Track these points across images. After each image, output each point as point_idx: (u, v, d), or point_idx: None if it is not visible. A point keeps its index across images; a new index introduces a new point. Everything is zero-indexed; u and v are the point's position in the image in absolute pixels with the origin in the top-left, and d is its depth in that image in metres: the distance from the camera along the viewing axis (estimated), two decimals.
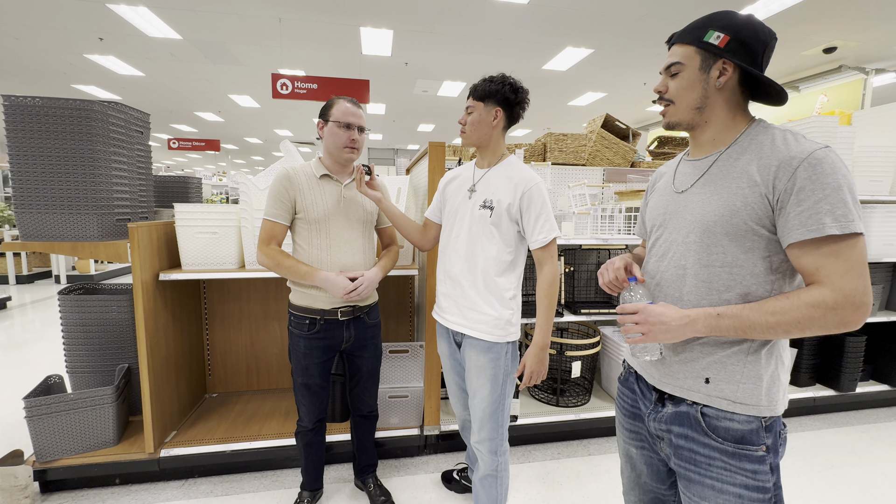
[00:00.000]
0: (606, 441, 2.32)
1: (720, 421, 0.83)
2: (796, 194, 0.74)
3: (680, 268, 0.88)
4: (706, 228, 0.83)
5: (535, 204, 1.39)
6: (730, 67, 0.83)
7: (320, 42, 6.15)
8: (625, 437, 1.07)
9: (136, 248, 1.73)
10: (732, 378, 0.83)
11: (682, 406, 0.88)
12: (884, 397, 2.72)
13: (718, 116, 0.86)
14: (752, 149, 0.82)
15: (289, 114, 10.76)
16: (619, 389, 1.10)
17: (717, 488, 0.84)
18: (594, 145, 2.73)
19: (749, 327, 0.77)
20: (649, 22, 5.41)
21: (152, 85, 8.34)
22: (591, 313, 2.32)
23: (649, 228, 1.01)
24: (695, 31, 0.85)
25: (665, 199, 0.96)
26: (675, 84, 0.87)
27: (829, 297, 0.72)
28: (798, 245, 0.75)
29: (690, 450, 0.87)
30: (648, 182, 1.11)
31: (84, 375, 2.02)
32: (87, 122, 1.68)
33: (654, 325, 0.83)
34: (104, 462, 1.83)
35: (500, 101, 1.42)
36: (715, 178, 0.85)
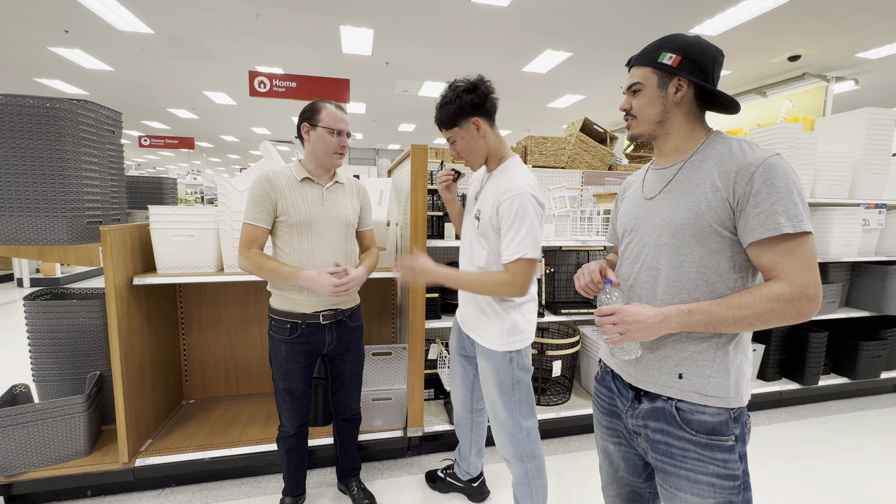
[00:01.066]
0: (586, 438, 2.37)
1: (693, 414, 0.89)
2: (754, 197, 0.80)
3: (653, 269, 0.94)
4: (675, 231, 0.90)
5: (507, 216, 1.30)
6: (684, 84, 0.90)
7: (299, 40, 6.05)
8: (602, 434, 1.12)
9: (109, 251, 1.68)
10: (703, 373, 0.89)
11: (657, 402, 0.94)
12: (844, 389, 2.87)
13: (679, 128, 0.94)
14: (712, 157, 0.88)
15: (267, 112, 10.55)
16: (595, 388, 1.14)
17: (691, 479, 0.89)
18: (573, 148, 2.78)
19: (718, 321, 0.83)
20: (625, 28, 5.54)
21: (122, 80, 8.04)
22: (571, 313, 2.37)
23: (621, 234, 1.07)
24: (650, 54, 0.93)
25: (635, 205, 1.02)
26: (637, 101, 0.95)
27: (786, 291, 0.78)
28: (757, 244, 0.82)
29: (666, 443, 0.92)
30: (619, 191, 1.17)
31: (52, 384, 1.94)
32: (56, 120, 1.61)
33: (630, 325, 0.87)
34: (75, 474, 1.76)
35: (469, 111, 1.35)
36: (680, 184, 0.92)
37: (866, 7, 4.81)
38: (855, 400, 2.89)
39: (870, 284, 2.83)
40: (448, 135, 1.41)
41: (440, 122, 1.40)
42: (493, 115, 1.41)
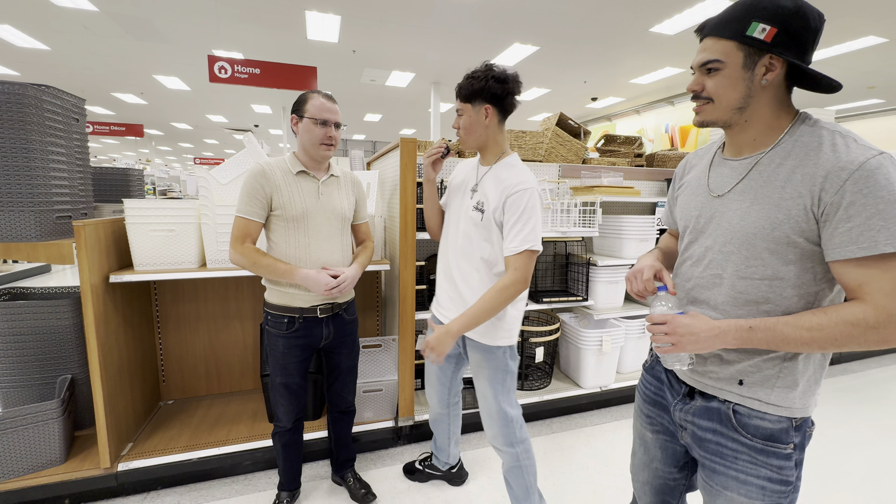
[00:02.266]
0: (567, 419, 2.50)
1: (751, 419, 0.83)
2: (845, 209, 0.69)
3: (716, 276, 0.85)
4: (745, 240, 0.80)
5: (516, 209, 1.32)
6: (778, 63, 0.75)
7: (261, 24, 5.79)
8: (642, 421, 1.08)
9: (84, 247, 1.58)
10: (767, 382, 0.82)
11: (713, 402, 0.88)
12: None
13: (761, 116, 0.79)
14: (795, 153, 0.76)
15: (224, 98, 10.04)
16: (642, 376, 1.10)
17: (741, 479, 0.84)
18: (550, 142, 2.87)
19: (782, 341, 0.74)
20: (591, 23, 5.71)
21: (60, 61, 7.39)
22: (552, 302, 2.47)
23: (682, 229, 0.97)
24: (735, 23, 0.75)
25: (699, 199, 0.91)
26: (713, 82, 0.79)
27: (870, 316, 0.68)
28: (843, 261, 0.71)
29: (718, 443, 0.87)
30: (676, 172, 1.06)
31: (16, 390, 1.81)
32: (20, 107, 1.50)
33: (682, 336, 0.80)
34: (51, 483, 1.67)
35: (488, 98, 1.35)
36: (756, 184, 0.80)
37: None
38: None
39: None
40: (459, 106, 1.43)
41: (460, 92, 1.41)
42: (507, 112, 1.42)
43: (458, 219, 1.51)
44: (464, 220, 1.47)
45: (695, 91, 0.83)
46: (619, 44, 6.40)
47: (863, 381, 3.10)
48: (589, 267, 2.56)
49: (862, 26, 5.52)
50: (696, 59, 0.81)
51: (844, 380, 3.11)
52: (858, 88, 8.29)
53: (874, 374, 3.20)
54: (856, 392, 2.91)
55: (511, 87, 1.36)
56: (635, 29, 5.83)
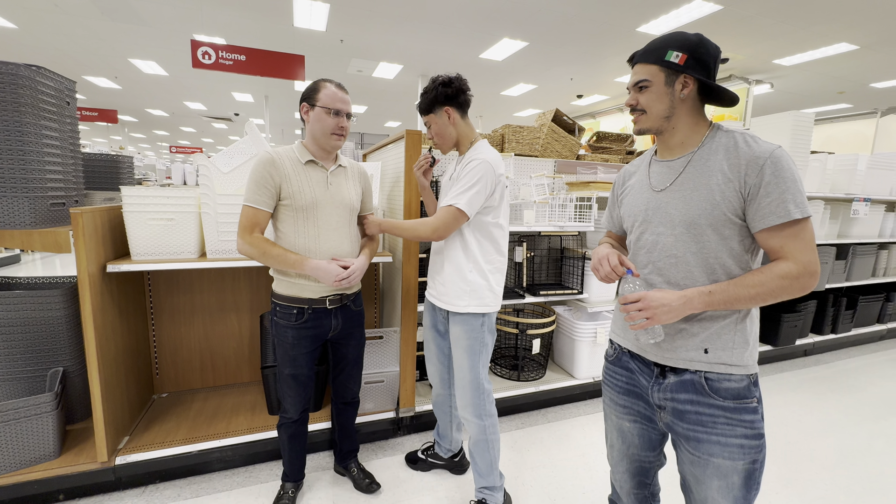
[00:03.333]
0: (562, 409, 2.57)
1: (721, 383, 0.96)
2: (764, 187, 0.88)
3: (672, 257, 1.00)
4: (692, 221, 0.96)
5: (465, 175, 1.50)
6: (690, 81, 0.96)
7: (247, 9, 5.63)
8: (617, 413, 1.16)
9: (81, 236, 1.53)
10: (727, 346, 0.97)
11: (685, 375, 1.00)
12: (768, 356, 3.34)
13: (684, 122, 1.00)
14: (720, 150, 0.95)
15: (203, 85, 9.72)
16: (608, 368, 1.19)
17: (722, 443, 0.95)
18: (546, 138, 2.91)
19: (735, 299, 0.91)
20: (579, 22, 5.78)
21: (27, 40, 7.01)
22: (549, 294, 2.52)
23: (629, 224, 1.12)
24: (656, 52, 0.98)
25: (644, 196, 1.07)
26: (645, 97, 1.00)
27: (793, 269, 0.88)
28: (767, 230, 0.90)
29: (697, 412, 0.98)
30: (616, 180, 1.22)
31: (2, 384, 1.75)
32: (14, 88, 1.43)
33: (657, 309, 0.93)
34: (45, 478, 1.62)
35: (444, 102, 1.54)
36: (692, 177, 0.97)
37: (783, 19, 5.42)
38: (777, 363, 3.38)
39: None
40: (426, 119, 1.60)
41: (420, 108, 1.59)
42: (465, 107, 1.59)
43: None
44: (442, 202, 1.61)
45: (632, 105, 1.02)
46: (606, 42, 6.49)
47: (834, 370, 3.28)
48: (584, 261, 2.62)
49: (834, 33, 5.77)
50: (631, 80, 1.02)
51: (817, 370, 3.29)
52: (829, 93, 8.66)
53: (844, 365, 3.40)
54: (828, 381, 3.08)
55: (458, 85, 1.53)
56: (623, 28, 5.93)
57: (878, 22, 5.38)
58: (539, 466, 2.03)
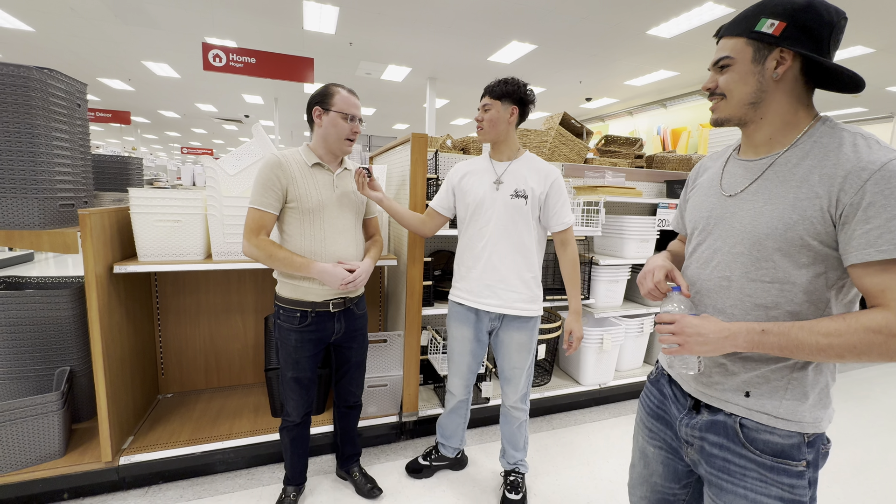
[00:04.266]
0: (566, 415, 2.54)
1: (759, 433, 0.79)
2: (864, 210, 0.66)
3: (724, 279, 0.82)
4: (756, 241, 0.77)
5: (562, 191, 1.60)
6: (788, 56, 0.74)
7: (257, 12, 5.68)
8: (644, 435, 1.05)
9: (89, 237, 1.54)
10: (775, 394, 0.79)
11: (718, 416, 0.85)
12: None
13: (777, 112, 0.78)
14: (814, 153, 0.73)
15: (214, 87, 9.84)
16: (646, 388, 1.08)
17: (750, 498, 0.80)
18: (553, 141, 2.89)
19: (796, 347, 0.70)
20: (589, 24, 5.75)
21: (44, 43, 7.15)
22: (554, 300, 2.50)
23: (690, 230, 0.95)
24: (745, 21, 0.77)
25: (710, 200, 0.89)
26: (725, 78, 0.80)
27: (893, 323, 0.64)
28: (864, 265, 0.68)
29: (725, 459, 0.83)
30: (690, 175, 1.04)
31: (9, 382, 1.77)
32: (25, 91, 1.45)
33: (690, 337, 0.77)
34: (50, 476, 1.63)
35: (517, 101, 1.56)
36: (770, 184, 0.77)
37: None
38: None
39: None
40: (489, 102, 1.56)
41: (493, 89, 1.56)
42: (523, 118, 1.62)
43: (488, 211, 1.62)
44: (498, 210, 1.60)
45: (709, 89, 0.83)
46: (615, 45, 6.45)
47: (847, 380, 3.20)
48: (591, 266, 2.59)
49: (849, 36, 5.66)
50: (715, 58, 0.82)
51: None
52: (843, 97, 8.51)
53: (858, 374, 3.31)
54: (840, 391, 3.01)
55: (533, 98, 1.60)
56: (632, 31, 5.89)
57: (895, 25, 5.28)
58: (542, 474, 2.00)
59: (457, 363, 1.79)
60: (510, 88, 1.54)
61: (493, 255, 1.61)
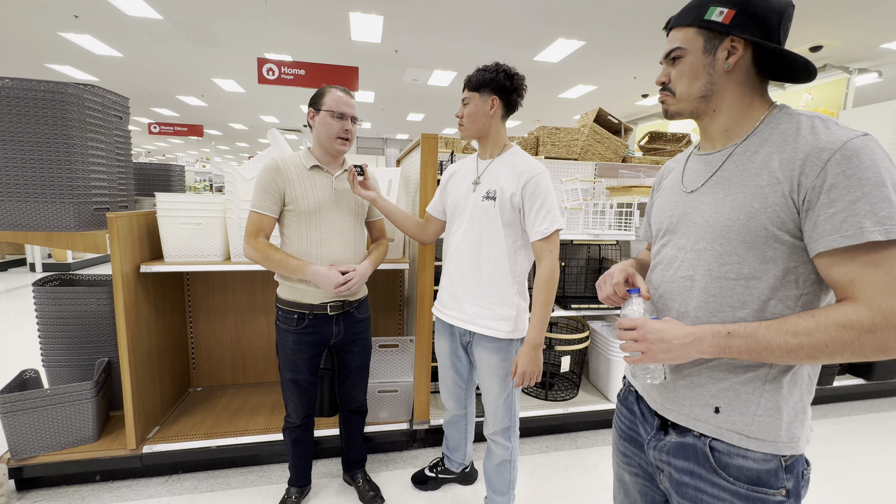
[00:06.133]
0: (594, 434, 2.35)
1: (732, 458, 0.72)
2: (827, 193, 0.62)
3: (687, 279, 0.77)
4: (719, 234, 0.72)
5: (538, 194, 1.36)
6: (740, 45, 0.71)
7: (308, 26, 5.98)
8: (619, 460, 0.96)
9: (116, 238, 1.67)
10: (747, 409, 0.71)
11: (687, 437, 0.77)
12: (858, 391, 2.81)
13: (731, 103, 0.75)
14: (772, 139, 0.70)
15: (275, 100, 10.51)
16: (617, 408, 1.00)
17: None
18: (586, 139, 2.71)
19: (765, 349, 0.65)
20: (642, 14, 5.39)
21: (131, 66, 8.04)
22: (581, 308, 2.33)
23: (655, 232, 0.90)
24: (694, 10, 0.74)
25: (672, 199, 0.85)
26: (676, 71, 0.77)
27: (864, 317, 0.59)
28: (829, 254, 0.63)
29: (696, 488, 0.75)
30: (655, 179, 1.00)
31: (61, 370, 1.95)
32: (62, 105, 1.59)
33: (653, 343, 0.72)
34: (83, 459, 1.77)
35: (496, 90, 1.40)
36: (730, 174, 0.74)
37: None
38: (870, 401, 2.83)
39: None
40: (467, 95, 1.45)
41: (469, 80, 1.44)
42: (511, 110, 1.46)
43: (461, 215, 1.49)
44: (470, 213, 1.46)
45: (662, 83, 0.80)
46: None
47: None
48: None
49: None
50: (666, 49, 0.79)
51: None
52: None
53: None
54: None
55: (517, 83, 1.42)
56: None
57: None
58: (558, 497, 1.85)
59: (441, 377, 1.70)
60: (487, 77, 1.39)
61: (460, 264, 1.48)
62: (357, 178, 1.49)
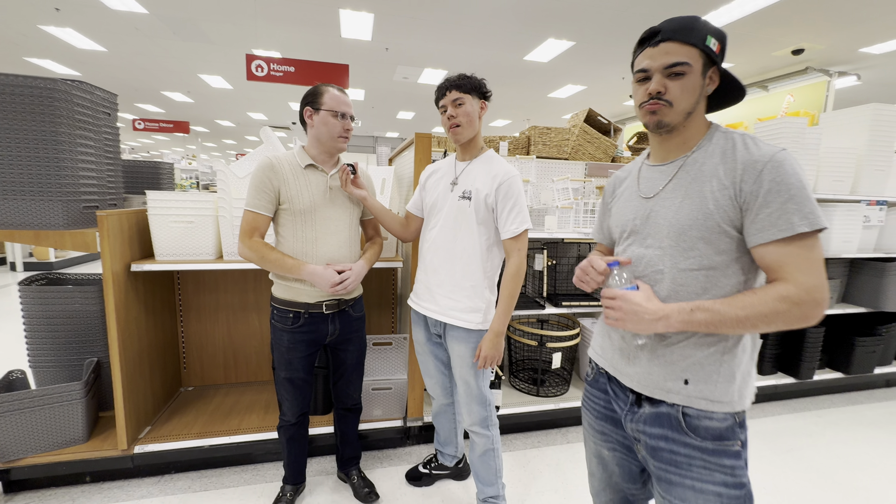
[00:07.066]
0: None
1: (700, 420, 0.85)
2: (763, 196, 0.77)
3: (657, 272, 0.88)
4: (681, 232, 0.85)
5: (510, 196, 1.44)
6: (716, 76, 0.85)
7: (297, 23, 5.93)
8: (595, 439, 1.06)
9: (106, 237, 1.65)
10: (710, 378, 0.85)
11: (661, 407, 0.89)
12: (837, 384, 2.91)
13: (694, 121, 0.87)
14: (716, 153, 0.84)
15: (263, 96, 10.38)
16: (587, 391, 1.09)
17: (697, 488, 0.85)
18: (577, 139, 2.75)
19: (721, 321, 0.78)
20: (631, 17, 5.46)
21: (115, 61, 7.86)
22: (572, 305, 2.36)
23: (618, 234, 1.00)
24: (694, 32, 0.81)
25: (632, 204, 0.96)
26: (677, 86, 0.83)
27: (793, 293, 0.74)
28: (766, 244, 0.78)
29: (670, 451, 0.88)
30: (606, 188, 1.10)
31: (48, 370, 1.92)
32: (50, 101, 1.57)
33: (626, 314, 0.84)
34: (73, 460, 1.75)
35: (482, 95, 1.49)
36: (684, 182, 0.86)
37: (872, 1, 4.77)
38: (848, 394, 2.93)
39: (867, 281, 2.85)
40: (460, 96, 1.45)
41: (459, 84, 1.45)
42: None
43: (438, 213, 1.55)
44: (446, 212, 1.52)
45: (657, 92, 0.84)
46: None
47: None
48: None
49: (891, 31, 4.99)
50: (660, 60, 0.83)
51: None
52: None
53: None
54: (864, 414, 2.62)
55: (491, 96, 1.53)
56: None
57: None
58: (550, 491, 1.89)
59: (423, 366, 1.75)
60: (475, 83, 1.46)
61: (435, 258, 1.55)
62: (349, 176, 1.50)
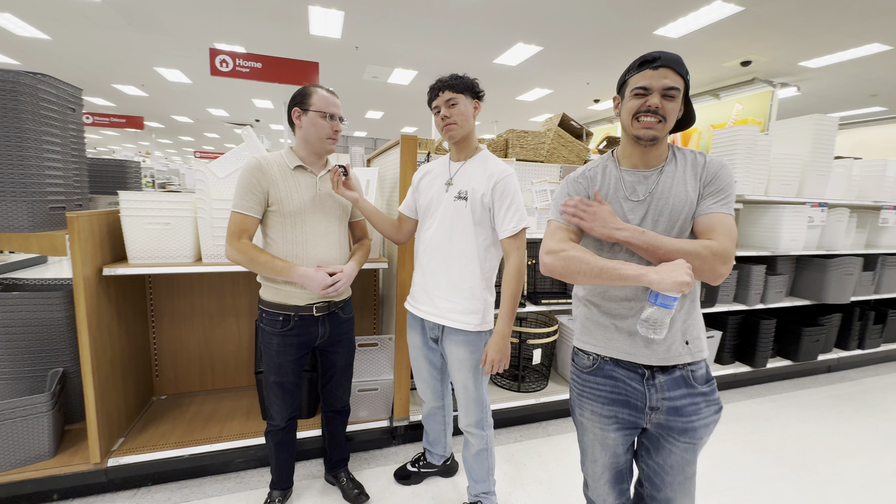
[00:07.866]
0: (564, 422, 2.49)
1: (697, 371, 1.08)
2: (710, 184, 1.04)
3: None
4: (677, 220, 1.06)
5: (507, 194, 1.44)
6: (683, 105, 1.06)
7: (264, 17, 5.75)
8: (602, 424, 1.12)
9: (77, 239, 1.56)
10: (697, 334, 1.07)
11: (675, 372, 1.07)
12: (787, 371, 3.17)
13: (665, 139, 1.09)
14: (681, 163, 1.08)
15: (225, 92, 9.99)
16: (586, 381, 1.14)
17: (705, 423, 1.06)
18: (552, 143, 2.85)
19: (658, 247, 0.98)
20: (594, 27, 5.69)
21: (60, 51, 7.33)
22: (551, 303, 2.45)
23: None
24: (683, 67, 1.01)
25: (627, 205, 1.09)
26: (670, 106, 1.01)
27: (714, 246, 0.97)
28: (707, 215, 1.03)
29: (692, 404, 1.06)
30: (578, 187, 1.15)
31: (6, 383, 1.79)
32: (14, 95, 1.47)
33: (597, 218, 1.03)
34: (40, 477, 1.65)
35: (475, 95, 1.49)
36: (668, 185, 1.07)
37: (810, 20, 5.20)
38: (796, 380, 3.20)
39: (811, 276, 3.12)
40: (454, 96, 1.44)
41: (454, 84, 1.44)
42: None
43: (433, 214, 1.55)
44: (441, 212, 1.52)
45: (655, 108, 1.00)
46: (622, 46, 6.37)
47: (859, 388, 3.09)
48: None
49: (866, 33, 5.51)
50: (661, 82, 1.00)
51: (841, 387, 3.10)
52: (861, 96, 8.28)
53: (871, 383, 3.19)
54: (852, 400, 2.90)
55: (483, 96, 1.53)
56: (639, 32, 5.81)
57: None
58: (535, 482, 1.96)
59: (416, 370, 1.75)
60: (468, 83, 1.45)
61: (432, 261, 1.54)
62: (341, 177, 1.50)
